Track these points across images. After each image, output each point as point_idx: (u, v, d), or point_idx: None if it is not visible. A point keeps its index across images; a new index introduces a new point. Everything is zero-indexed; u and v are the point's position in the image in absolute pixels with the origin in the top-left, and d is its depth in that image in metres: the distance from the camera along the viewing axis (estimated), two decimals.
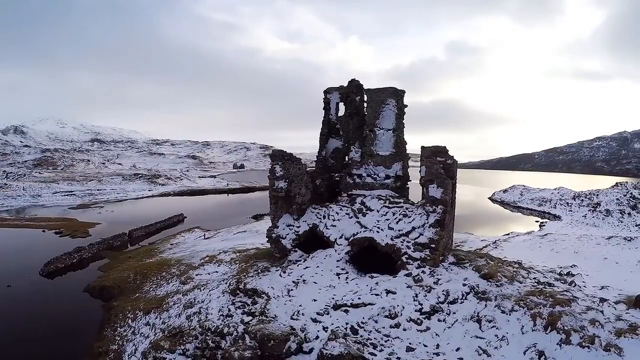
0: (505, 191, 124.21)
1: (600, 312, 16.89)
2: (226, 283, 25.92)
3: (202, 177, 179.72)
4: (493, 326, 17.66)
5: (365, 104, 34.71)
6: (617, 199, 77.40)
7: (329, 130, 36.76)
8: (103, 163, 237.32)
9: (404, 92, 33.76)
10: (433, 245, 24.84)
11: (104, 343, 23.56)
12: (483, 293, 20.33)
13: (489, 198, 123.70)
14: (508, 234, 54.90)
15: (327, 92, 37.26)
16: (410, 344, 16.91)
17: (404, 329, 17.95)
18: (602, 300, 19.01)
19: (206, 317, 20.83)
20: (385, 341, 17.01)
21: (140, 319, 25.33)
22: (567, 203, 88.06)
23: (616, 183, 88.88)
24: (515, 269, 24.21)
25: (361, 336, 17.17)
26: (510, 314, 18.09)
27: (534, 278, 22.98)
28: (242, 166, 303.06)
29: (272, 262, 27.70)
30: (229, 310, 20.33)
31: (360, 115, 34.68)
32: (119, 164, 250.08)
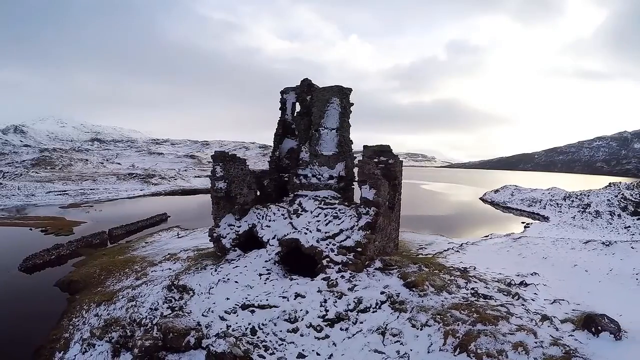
0: (496, 191, 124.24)
1: (533, 334, 15.29)
2: (169, 279, 27.36)
3: (198, 176, 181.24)
4: (397, 341, 16.52)
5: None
6: (608, 199, 75.93)
7: (284, 131, 36.80)
8: (101, 163, 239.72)
9: (350, 90, 33.32)
10: (359, 249, 24.05)
11: (59, 331, 25.43)
12: (400, 303, 19.16)
13: (480, 198, 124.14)
14: (487, 236, 53.27)
15: (284, 92, 37.16)
16: (303, 350, 16.58)
17: (302, 335, 17.58)
18: (544, 318, 17.31)
19: (137, 309, 22.67)
20: (279, 345, 16.86)
21: (92, 311, 27.10)
22: (557, 204, 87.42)
23: (609, 183, 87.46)
24: (452, 278, 22.65)
25: (258, 337, 17.14)
26: (421, 329, 16.81)
27: (472, 288, 21.21)
28: None
29: (213, 261, 28.30)
30: (158, 304, 21.87)
31: (310, 115, 34.54)
32: (118, 163, 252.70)
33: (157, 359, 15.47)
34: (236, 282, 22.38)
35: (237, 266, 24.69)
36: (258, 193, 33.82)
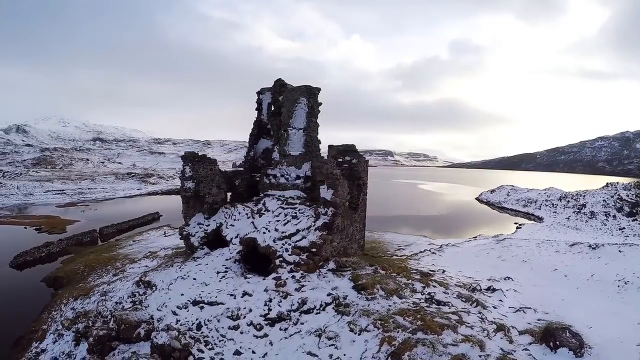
0: (492, 191, 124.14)
1: (479, 346, 14.45)
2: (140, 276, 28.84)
3: None
4: (332, 344, 16.28)
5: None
6: (603, 200, 74.67)
7: (259, 131, 37.23)
8: (102, 162, 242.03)
9: (318, 90, 33.26)
10: (314, 250, 24.09)
11: (38, 323, 27.07)
12: (345, 306, 18.87)
13: (475, 198, 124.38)
14: (474, 237, 53.04)
15: (260, 92, 37.35)
16: (240, 347, 16.92)
17: (241, 332, 17.92)
18: (500, 328, 16.32)
19: (105, 303, 24.13)
20: (220, 341, 17.32)
21: (69, 305, 28.66)
22: (553, 204, 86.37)
23: (606, 183, 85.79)
24: (409, 281, 21.91)
25: (202, 332, 17.72)
26: (360, 334, 16.40)
27: (429, 293, 20.45)
28: (240, 165, 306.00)
29: (184, 259, 29.19)
30: (123, 298, 23.19)
31: (281, 115, 34.43)
32: (119, 163, 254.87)
33: (110, 347, 16.87)
34: (194, 279, 23.18)
35: (199, 264, 25.49)
36: (230, 193, 35.16)
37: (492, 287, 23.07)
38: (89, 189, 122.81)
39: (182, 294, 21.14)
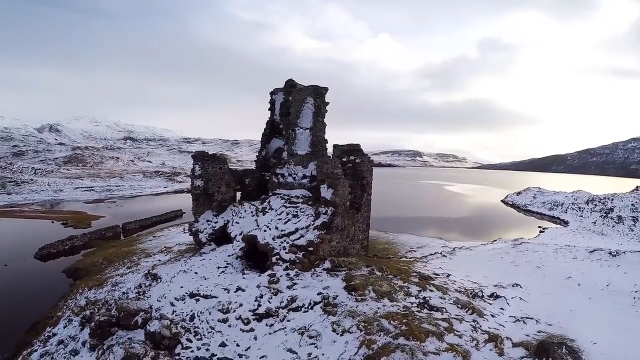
0: (518, 194, 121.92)
1: (461, 357, 13.80)
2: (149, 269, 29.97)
3: None
4: (312, 343, 16.19)
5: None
6: (632, 204, 71.89)
7: (272, 131, 37.70)
8: (132, 160, 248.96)
9: (325, 89, 33.33)
10: (311, 249, 24.24)
11: (54, 310, 28.82)
12: (333, 306, 18.73)
13: (501, 201, 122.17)
14: (494, 240, 51.85)
15: (273, 93, 37.79)
16: (226, 340, 17.29)
17: (229, 326, 18.28)
18: (492, 339, 15.38)
19: (114, 293, 25.51)
20: (208, 332, 17.78)
21: (84, 294, 30.26)
22: (579, 207, 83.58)
23: (637, 187, 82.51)
24: (405, 284, 21.41)
25: (193, 324, 18.25)
26: (342, 335, 16.19)
27: (424, 297, 19.83)
28: None
29: (192, 254, 29.86)
30: (130, 289, 24.34)
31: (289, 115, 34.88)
32: (149, 161, 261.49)
33: (109, 333, 17.82)
34: (195, 273, 23.82)
35: (203, 259, 26.15)
36: (240, 191, 36.03)
37: (495, 294, 21.87)
38: (117, 186, 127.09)
39: (181, 287, 21.77)
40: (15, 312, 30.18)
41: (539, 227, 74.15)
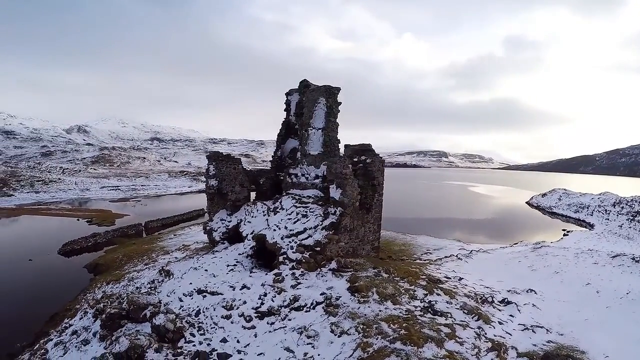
0: (543, 195, 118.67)
1: None
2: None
3: None
4: (309, 343, 16.13)
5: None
6: None
7: (287, 131, 37.87)
8: (158, 161, 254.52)
9: (338, 89, 33.32)
10: (318, 249, 24.31)
11: (73, 303, 30.02)
12: (335, 307, 18.66)
13: (526, 202, 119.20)
14: (515, 243, 49.85)
15: (288, 93, 38.01)
16: (227, 336, 17.56)
17: (232, 322, 18.56)
18: (495, 347, 14.82)
19: (128, 288, 26.36)
20: (212, 328, 18.15)
21: (102, 288, 31.35)
22: (606, 210, 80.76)
23: None
24: (411, 287, 21.01)
25: (198, 319, 18.69)
26: (339, 336, 16.03)
27: (430, 301, 19.33)
28: None
29: (206, 252, 30.32)
30: (143, 284, 25.21)
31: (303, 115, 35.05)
32: (175, 161, 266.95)
33: (119, 325, 18.51)
34: (205, 270, 24.28)
35: (214, 257, 26.62)
36: (255, 191, 36.54)
37: (506, 300, 20.96)
38: (142, 185, 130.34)
39: (190, 283, 22.29)
40: (37, 305, 31.53)
41: (563, 230, 71.68)
